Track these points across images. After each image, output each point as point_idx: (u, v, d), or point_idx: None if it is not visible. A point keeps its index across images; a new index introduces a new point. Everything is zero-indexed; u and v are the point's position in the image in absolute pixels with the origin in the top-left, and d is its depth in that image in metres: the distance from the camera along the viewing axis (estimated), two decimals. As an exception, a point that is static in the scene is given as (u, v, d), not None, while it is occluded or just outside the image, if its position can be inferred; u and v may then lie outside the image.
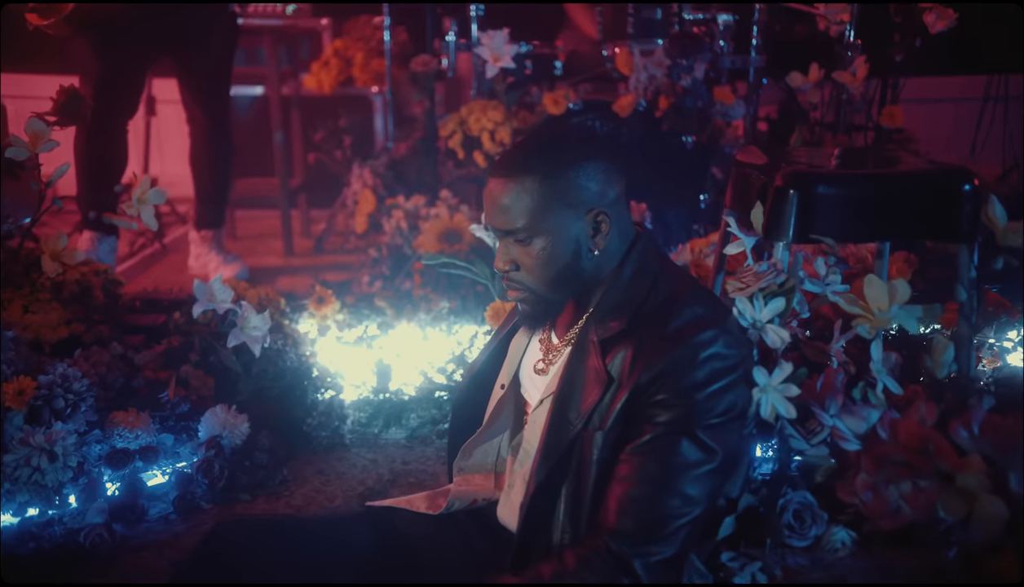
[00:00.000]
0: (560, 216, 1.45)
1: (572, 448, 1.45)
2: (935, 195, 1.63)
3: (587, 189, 1.46)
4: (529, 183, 1.44)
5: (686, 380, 1.38)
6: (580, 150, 1.47)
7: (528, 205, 1.45)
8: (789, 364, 1.58)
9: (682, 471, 1.38)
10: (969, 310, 1.69)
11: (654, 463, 1.38)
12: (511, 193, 1.45)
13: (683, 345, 1.39)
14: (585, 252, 1.48)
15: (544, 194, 1.44)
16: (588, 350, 1.47)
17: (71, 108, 2.61)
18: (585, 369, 1.46)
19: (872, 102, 3.37)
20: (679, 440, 1.37)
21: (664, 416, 1.38)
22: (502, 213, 1.46)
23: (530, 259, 1.48)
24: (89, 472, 2.18)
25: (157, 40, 3.24)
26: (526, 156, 1.47)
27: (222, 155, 3.61)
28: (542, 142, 1.49)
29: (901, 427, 1.64)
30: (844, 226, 1.64)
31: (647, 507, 1.38)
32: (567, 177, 1.45)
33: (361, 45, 4.57)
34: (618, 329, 1.45)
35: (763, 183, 1.67)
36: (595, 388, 1.44)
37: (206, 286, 2.40)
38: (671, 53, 3.41)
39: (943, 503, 1.59)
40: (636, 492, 1.38)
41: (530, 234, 1.46)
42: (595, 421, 1.43)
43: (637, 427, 1.40)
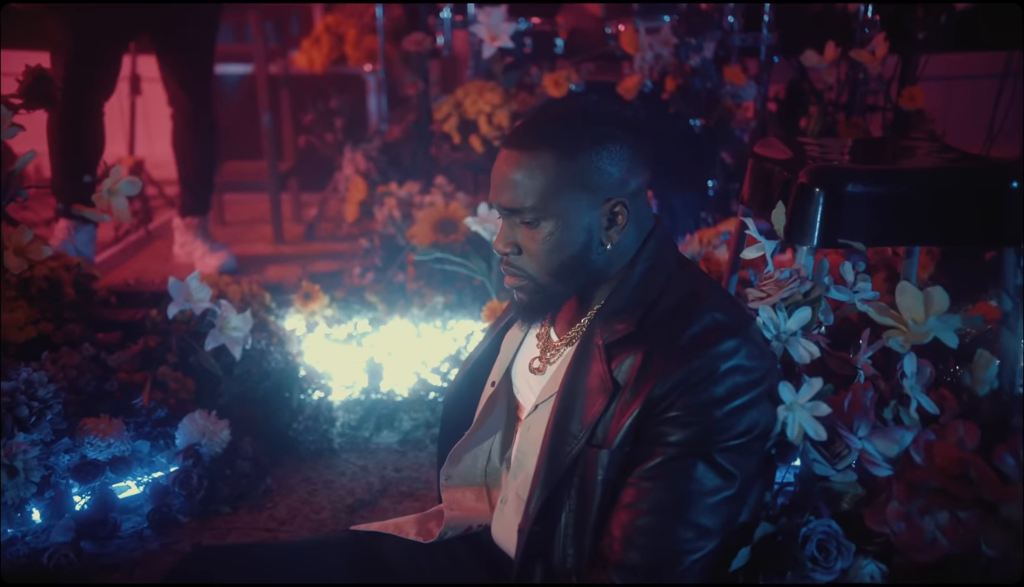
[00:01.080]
0: (575, 200, 1.30)
1: (575, 465, 1.30)
2: (979, 193, 1.46)
3: (608, 174, 1.30)
4: (545, 159, 1.29)
5: (704, 395, 1.22)
6: (606, 130, 1.31)
7: (541, 183, 1.30)
8: (818, 380, 1.42)
9: (697, 499, 1.23)
10: (1015, 321, 1.53)
11: (665, 489, 1.23)
12: (524, 168, 1.30)
13: (701, 355, 1.23)
14: (596, 244, 1.33)
15: (560, 173, 1.29)
16: (592, 354, 1.32)
17: (39, 90, 2.43)
18: (588, 375, 1.31)
19: (891, 81, 3.19)
20: (694, 463, 1.23)
21: (678, 435, 1.23)
22: (511, 189, 1.31)
23: (535, 244, 1.33)
24: (56, 485, 2.04)
25: (134, 15, 3.06)
26: (546, 129, 1.31)
27: (206, 139, 3.44)
28: (565, 115, 1.33)
29: (937, 450, 1.49)
30: (876, 229, 1.47)
31: (657, 539, 1.23)
32: (589, 158, 1.29)
33: (354, 21, 4.40)
34: (625, 332, 1.30)
35: (785, 180, 1.50)
36: (599, 397, 1.29)
37: (182, 284, 2.24)
38: (679, 31, 3.23)
39: (985, 536, 1.45)
40: (644, 522, 1.23)
41: (539, 216, 1.31)
42: (599, 436, 1.28)
43: (647, 447, 1.25)
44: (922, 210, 1.47)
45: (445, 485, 1.59)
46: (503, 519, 1.47)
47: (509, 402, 1.53)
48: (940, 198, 1.47)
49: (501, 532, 1.48)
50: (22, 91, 2.42)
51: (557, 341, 1.43)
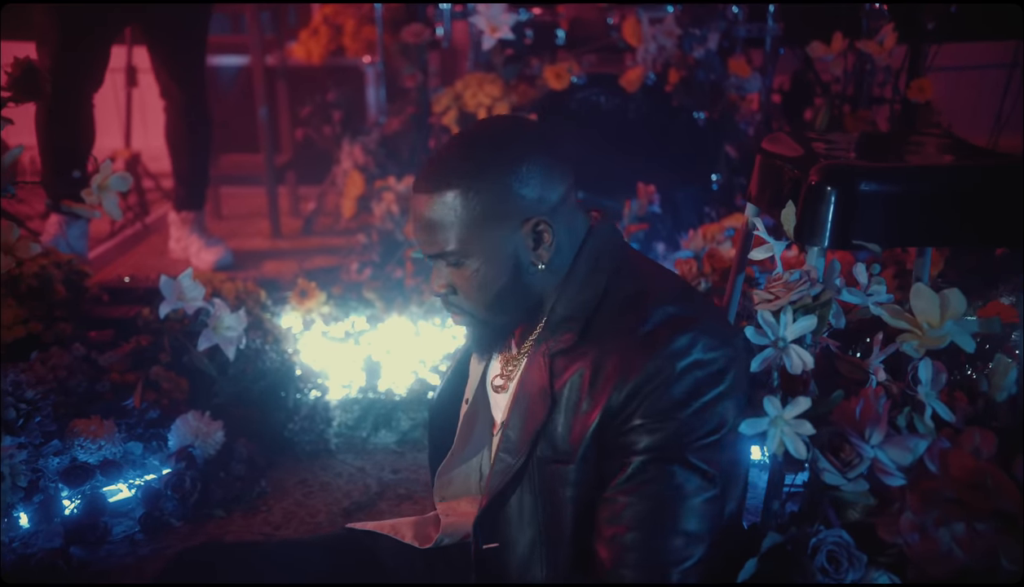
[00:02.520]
0: (492, 232, 1.27)
1: (521, 480, 1.30)
2: (999, 192, 1.40)
3: (522, 197, 1.26)
4: (452, 199, 1.26)
5: (665, 399, 1.18)
6: (511, 153, 1.27)
7: (454, 224, 1.27)
8: (806, 399, 1.36)
9: (679, 505, 1.19)
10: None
11: (644, 500, 1.19)
12: (434, 212, 1.27)
13: (655, 356, 1.19)
14: (527, 267, 1.30)
15: (471, 210, 1.26)
16: (537, 364, 1.30)
17: (28, 83, 2.38)
18: (531, 387, 1.30)
19: (900, 73, 3.13)
20: (669, 469, 1.18)
21: (645, 442, 1.19)
22: (428, 233, 1.29)
23: (465, 282, 1.30)
24: (44, 489, 1.99)
25: (122, 3, 2.99)
26: (448, 167, 1.28)
27: (200, 132, 3.39)
28: (466, 148, 1.29)
29: (953, 459, 1.44)
30: (891, 230, 1.42)
31: (646, 554, 1.19)
32: (497, 187, 1.26)
33: (352, 11, 4.34)
34: (571, 341, 1.27)
35: (795, 178, 1.45)
36: (539, 409, 1.27)
37: (174, 282, 2.18)
38: (682, 21, 3.17)
39: (1003, 549, 1.40)
40: (630, 538, 1.19)
41: (461, 256, 1.29)
42: (560, 450, 1.25)
43: (615, 460, 1.21)
44: (941, 210, 1.41)
45: (439, 502, 1.55)
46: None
47: (487, 419, 1.49)
48: (960, 197, 1.41)
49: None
50: (10, 84, 2.37)
51: (516, 353, 1.41)
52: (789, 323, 1.38)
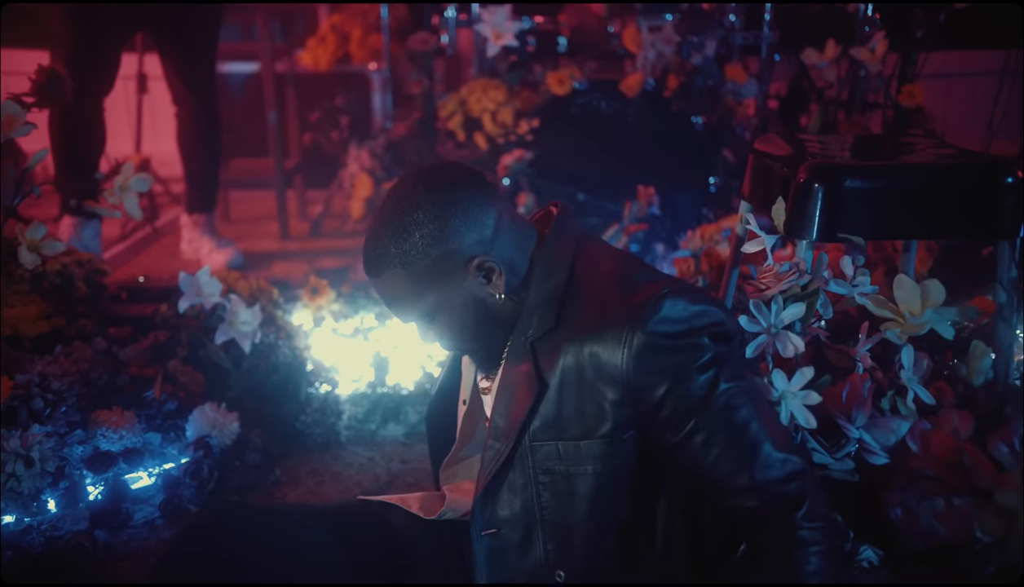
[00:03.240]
0: (442, 290, 1.34)
1: (512, 463, 1.35)
2: (974, 189, 1.50)
3: (457, 250, 1.32)
4: (394, 279, 1.34)
5: (674, 357, 1.24)
6: (431, 214, 1.31)
7: (408, 295, 1.35)
8: (809, 369, 1.46)
9: (747, 401, 1.26)
10: (1009, 312, 1.57)
11: (724, 429, 1.25)
12: (385, 292, 1.37)
13: (646, 323, 1.23)
14: (489, 301, 1.36)
15: (416, 280, 1.33)
16: (520, 352, 1.35)
17: (51, 89, 2.48)
18: (517, 374, 1.35)
19: (891, 79, 3.23)
20: (713, 408, 1.24)
21: (680, 403, 1.24)
22: (391, 308, 1.39)
23: (442, 331, 1.39)
24: (70, 475, 2.08)
25: (133, 10, 3.09)
26: (383, 249, 1.33)
27: (211, 136, 3.47)
28: (390, 226, 1.33)
29: (933, 440, 1.53)
30: (874, 223, 1.51)
31: (761, 451, 1.25)
32: (431, 253, 1.31)
33: (359, 20, 4.43)
34: (549, 326, 1.31)
35: (785, 175, 1.54)
36: (526, 394, 1.32)
37: (192, 279, 2.29)
38: (681, 29, 3.27)
39: (980, 522, 1.49)
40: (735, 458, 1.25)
41: (427, 317, 1.37)
42: (551, 431, 1.31)
43: (665, 431, 1.26)
44: (920, 205, 1.51)
45: (445, 488, 1.62)
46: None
47: (484, 416, 1.55)
48: (937, 193, 1.51)
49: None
50: (34, 89, 2.47)
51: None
52: (780, 311, 1.48)
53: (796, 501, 1.23)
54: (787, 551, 1.23)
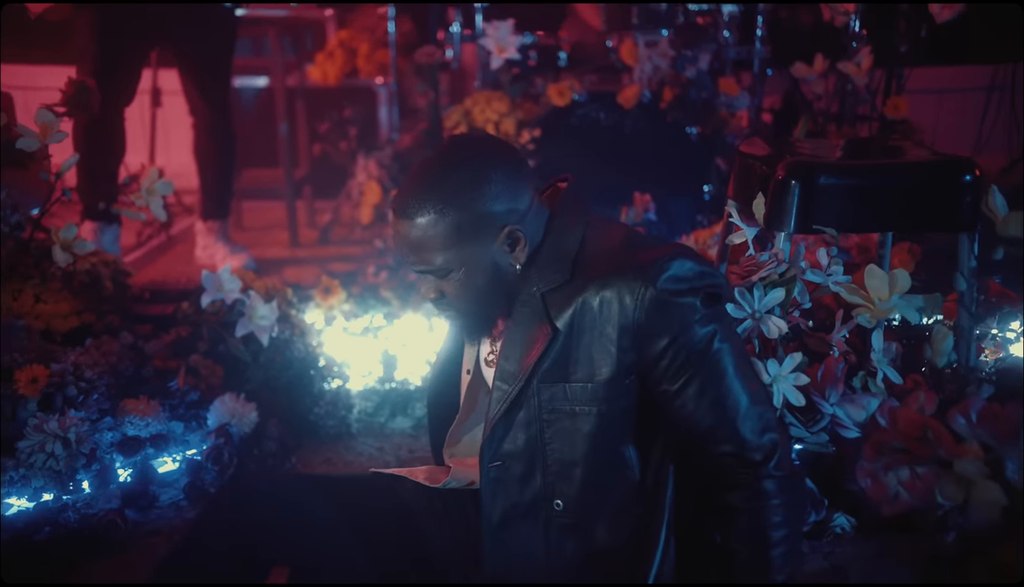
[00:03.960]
0: (472, 248, 1.42)
1: (520, 404, 1.44)
2: (936, 185, 1.65)
3: (494, 213, 1.41)
4: (431, 223, 1.39)
5: (676, 314, 1.36)
6: (480, 172, 1.40)
7: (436, 245, 1.41)
8: (797, 354, 1.60)
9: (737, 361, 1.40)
10: (969, 300, 1.72)
11: (717, 370, 1.38)
12: (416, 234, 1.41)
13: (653, 280, 1.35)
14: (506, 267, 1.45)
15: (450, 231, 1.40)
16: (530, 303, 1.44)
17: (80, 99, 2.64)
18: (527, 323, 1.43)
19: (877, 93, 3.38)
20: (716, 344, 1.38)
21: (678, 357, 1.37)
22: (412, 253, 1.43)
23: (452, 289, 1.45)
24: (101, 459, 2.21)
25: (154, 26, 3.25)
26: (424, 193, 1.40)
27: (225, 145, 3.62)
28: (437, 173, 1.42)
29: (900, 415, 1.67)
30: (846, 216, 1.66)
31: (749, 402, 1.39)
32: (471, 209, 1.40)
33: (366, 36, 4.58)
34: (562, 280, 1.41)
35: (765, 173, 1.69)
36: (538, 341, 1.41)
37: (214, 276, 2.43)
38: (676, 44, 3.42)
39: (941, 489, 1.62)
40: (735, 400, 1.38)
41: (445, 271, 1.43)
42: (558, 375, 1.41)
43: (661, 380, 1.39)
44: (886, 200, 1.65)
45: (449, 458, 1.71)
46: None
47: (487, 387, 1.62)
48: (903, 190, 1.66)
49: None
50: (65, 100, 2.63)
51: (501, 326, 1.54)
52: (762, 297, 1.62)
53: (769, 452, 1.37)
54: (756, 503, 1.36)
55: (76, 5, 2.97)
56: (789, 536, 1.39)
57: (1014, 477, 1.56)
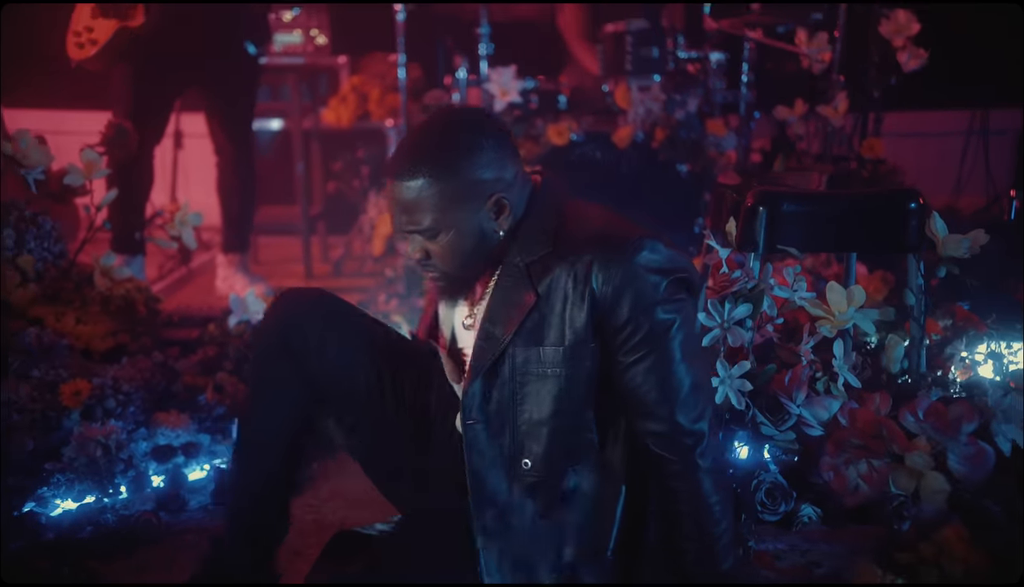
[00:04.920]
0: (460, 211, 1.50)
1: (501, 365, 1.53)
2: (885, 212, 1.87)
3: (483, 180, 1.49)
4: (425, 185, 1.47)
5: (644, 293, 1.47)
6: (471, 141, 1.49)
7: (427, 206, 1.48)
8: (746, 363, 1.80)
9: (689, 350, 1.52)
10: (918, 313, 1.93)
11: (668, 351, 1.49)
12: (409, 195, 1.48)
13: (627, 260, 1.46)
14: (491, 233, 1.54)
15: (441, 195, 1.48)
16: (513, 273, 1.53)
17: (119, 141, 2.90)
18: (511, 291, 1.53)
19: (854, 134, 3.62)
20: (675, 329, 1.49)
21: (638, 332, 1.48)
22: (404, 214, 1.50)
23: (439, 250, 1.53)
24: (137, 465, 2.41)
25: (186, 74, 3.50)
26: (419, 157, 1.48)
27: (247, 182, 3.86)
28: (432, 139, 1.50)
29: (859, 415, 1.88)
30: (807, 239, 1.88)
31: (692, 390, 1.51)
32: (462, 175, 1.48)
33: (377, 81, 4.84)
34: (544, 251, 1.51)
35: (736, 201, 1.91)
36: (522, 305, 1.51)
37: (241, 299, 2.66)
38: (667, 88, 3.67)
39: (895, 480, 1.83)
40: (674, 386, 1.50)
41: (434, 232, 1.51)
42: (532, 339, 1.51)
43: (619, 348, 1.50)
44: (842, 225, 1.88)
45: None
46: None
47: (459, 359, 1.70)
48: (857, 216, 1.88)
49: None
50: (104, 141, 2.88)
51: (480, 295, 1.62)
52: (732, 309, 1.83)
53: (698, 439, 1.49)
54: (692, 489, 1.49)
55: (113, 56, 3.23)
56: (728, 528, 1.52)
57: (956, 468, 1.77)
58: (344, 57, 4.87)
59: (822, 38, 3.41)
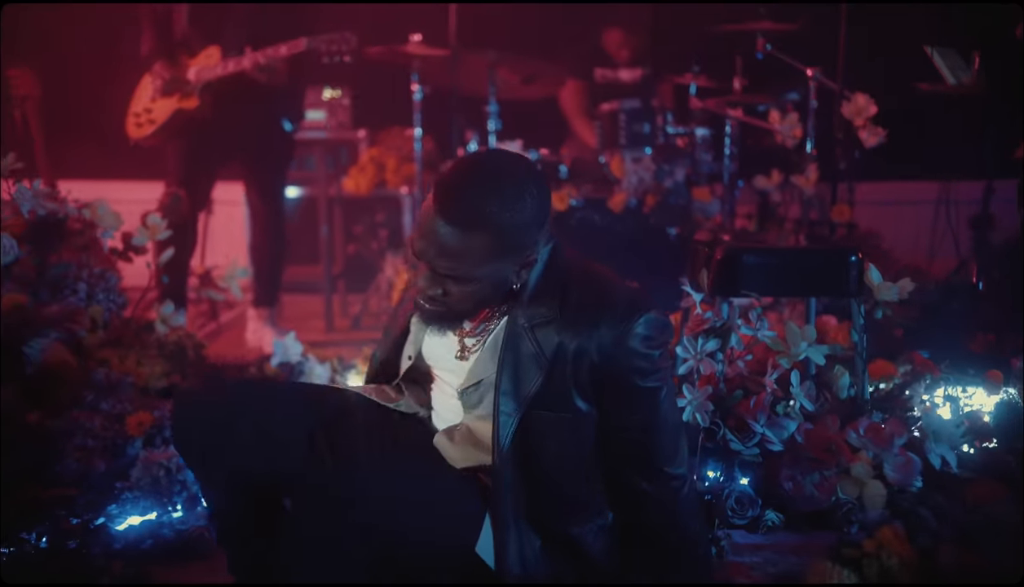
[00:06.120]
0: (497, 264, 1.51)
1: (521, 430, 1.57)
2: (830, 264, 2.26)
3: (526, 240, 1.50)
4: (477, 236, 1.45)
5: (641, 360, 1.58)
6: (523, 194, 1.47)
7: (468, 255, 1.46)
8: (710, 388, 2.16)
9: (671, 406, 1.70)
10: (861, 348, 2.30)
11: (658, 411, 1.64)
12: (452, 241, 1.44)
13: (626, 332, 1.55)
14: (510, 284, 1.57)
15: (484, 248, 1.46)
16: (520, 335, 1.55)
17: (174, 207, 3.31)
18: (521, 356, 1.55)
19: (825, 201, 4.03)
20: (654, 401, 1.63)
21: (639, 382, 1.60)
22: (443, 257, 1.47)
23: (459, 293, 1.53)
24: (189, 487, 2.75)
25: (228, 148, 3.93)
26: (475, 204, 1.44)
27: (278, 243, 4.26)
28: (486, 186, 1.46)
29: (812, 434, 2.23)
30: (765, 285, 2.26)
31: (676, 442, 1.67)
32: (509, 233, 1.46)
33: (394, 152, 5.28)
34: (549, 317, 1.55)
35: (708, 254, 2.30)
36: (532, 373, 1.55)
37: (283, 342, 3.03)
38: (657, 160, 4.09)
39: (842, 487, 2.17)
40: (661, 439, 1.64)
41: (465, 280, 1.50)
42: (539, 404, 1.57)
43: (618, 398, 1.60)
44: (796, 274, 2.26)
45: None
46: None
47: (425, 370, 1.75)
48: (807, 267, 2.27)
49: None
50: (161, 207, 3.30)
51: (469, 330, 1.65)
52: (704, 343, 2.20)
53: (683, 480, 1.67)
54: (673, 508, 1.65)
55: (169, 133, 3.67)
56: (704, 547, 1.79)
57: (890, 475, 2.12)
58: (363, 130, 5.32)
59: (793, 117, 3.84)
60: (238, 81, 3.61)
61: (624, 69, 4.96)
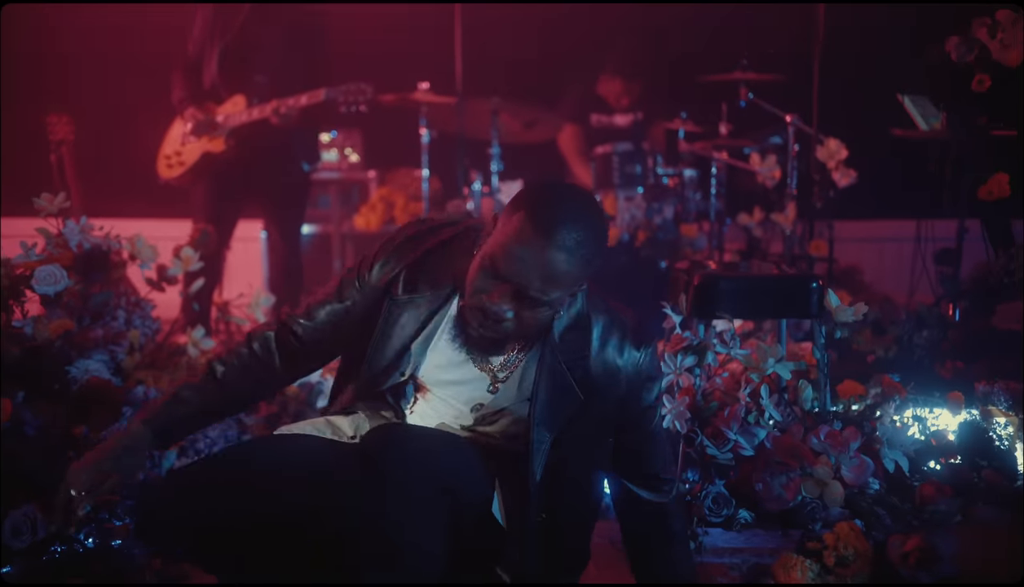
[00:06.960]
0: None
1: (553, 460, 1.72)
2: (794, 289, 2.55)
3: (594, 265, 1.59)
4: (582, 267, 1.51)
5: (651, 390, 1.84)
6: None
7: (566, 282, 1.52)
8: (686, 398, 2.43)
9: (661, 419, 2.01)
10: (822, 364, 2.57)
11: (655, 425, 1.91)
12: (561, 266, 1.46)
13: (643, 369, 1.79)
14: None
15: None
16: (558, 373, 1.66)
17: (203, 242, 3.60)
18: (555, 384, 1.66)
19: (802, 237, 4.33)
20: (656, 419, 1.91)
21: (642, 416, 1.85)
22: (543, 282, 1.47)
23: (532, 319, 1.58)
24: (219, 495, 3.02)
25: (251, 188, 4.25)
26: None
27: (295, 277, 4.56)
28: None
29: (780, 441, 2.50)
30: (737, 308, 2.54)
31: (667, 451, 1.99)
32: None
33: (402, 192, 5.60)
34: (581, 355, 1.68)
35: (687, 280, 2.59)
36: (568, 406, 1.69)
37: (303, 365, 3.30)
38: (648, 199, 4.40)
39: (805, 488, 2.43)
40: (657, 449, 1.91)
41: (551, 307, 1.56)
42: (570, 429, 1.72)
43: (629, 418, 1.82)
44: (764, 298, 2.55)
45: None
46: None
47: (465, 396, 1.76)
48: (772, 292, 2.56)
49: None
50: (191, 242, 3.59)
51: (498, 364, 1.72)
52: (683, 360, 2.48)
53: (672, 483, 1.92)
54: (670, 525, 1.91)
55: (197, 174, 3.99)
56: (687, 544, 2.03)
57: (846, 475, 2.38)
58: (373, 171, 5.64)
59: (771, 160, 4.16)
60: (261, 127, 3.94)
61: (618, 114, 5.30)
